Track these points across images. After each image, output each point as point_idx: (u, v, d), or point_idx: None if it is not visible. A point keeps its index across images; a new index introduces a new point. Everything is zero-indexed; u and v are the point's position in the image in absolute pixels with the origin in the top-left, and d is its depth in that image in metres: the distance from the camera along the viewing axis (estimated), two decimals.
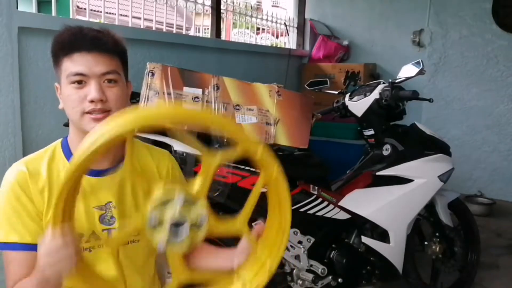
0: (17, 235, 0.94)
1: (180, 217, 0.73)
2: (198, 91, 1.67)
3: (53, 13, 2.26)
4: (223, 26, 3.53)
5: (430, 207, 2.13)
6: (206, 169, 0.77)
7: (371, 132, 2.07)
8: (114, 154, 1.04)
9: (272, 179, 0.79)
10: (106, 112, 0.97)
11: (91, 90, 0.95)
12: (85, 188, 1.00)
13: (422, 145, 2.07)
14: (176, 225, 0.73)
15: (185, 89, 1.66)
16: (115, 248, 0.82)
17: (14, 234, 0.94)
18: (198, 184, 0.77)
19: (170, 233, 0.73)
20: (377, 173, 1.98)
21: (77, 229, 0.98)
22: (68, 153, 1.03)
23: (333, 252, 1.93)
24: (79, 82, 0.96)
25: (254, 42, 4.21)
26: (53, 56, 1.00)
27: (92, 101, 0.95)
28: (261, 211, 0.88)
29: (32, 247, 0.93)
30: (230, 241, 1.19)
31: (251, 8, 4.03)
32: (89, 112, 0.96)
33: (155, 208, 0.73)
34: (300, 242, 1.82)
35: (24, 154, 1.87)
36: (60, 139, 1.06)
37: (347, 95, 2.17)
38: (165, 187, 0.75)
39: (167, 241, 0.73)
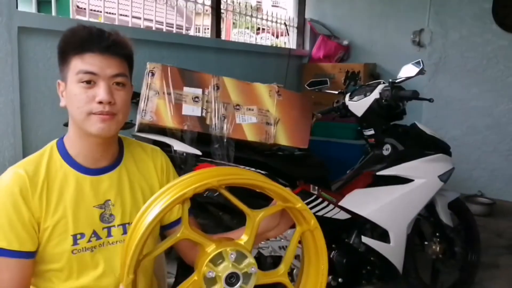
0: (5, 241, 0.92)
1: (233, 270, 0.81)
2: (198, 91, 1.67)
3: (53, 13, 2.26)
4: (223, 26, 3.53)
5: (430, 207, 2.12)
6: (251, 226, 0.86)
7: (371, 132, 2.07)
8: (111, 153, 1.05)
9: (311, 228, 0.89)
10: (112, 115, 0.96)
11: (100, 91, 0.94)
12: (84, 188, 1.01)
13: (422, 145, 2.06)
14: (230, 277, 0.82)
15: (185, 89, 1.66)
16: None
17: (2, 239, 0.92)
18: (245, 240, 0.86)
19: (226, 286, 0.81)
20: (377, 173, 1.98)
21: (79, 229, 0.99)
22: (64, 154, 1.01)
23: (333, 252, 1.93)
24: (88, 81, 0.94)
25: (254, 42, 4.21)
26: (61, 53, 0.98)
27: (100, 103, 0.94)
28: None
29: (18, 254, 0.93)
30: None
31: (251, 8, 4.02)
32: (95, 114, 0.95)
33: (210, 265, 0.81)
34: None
35: (24, 155, 1.87)
36: (55, 140, 1.05)
37: (347, 95, 2.17)
38: (217, 245, 0.82)
39: None
